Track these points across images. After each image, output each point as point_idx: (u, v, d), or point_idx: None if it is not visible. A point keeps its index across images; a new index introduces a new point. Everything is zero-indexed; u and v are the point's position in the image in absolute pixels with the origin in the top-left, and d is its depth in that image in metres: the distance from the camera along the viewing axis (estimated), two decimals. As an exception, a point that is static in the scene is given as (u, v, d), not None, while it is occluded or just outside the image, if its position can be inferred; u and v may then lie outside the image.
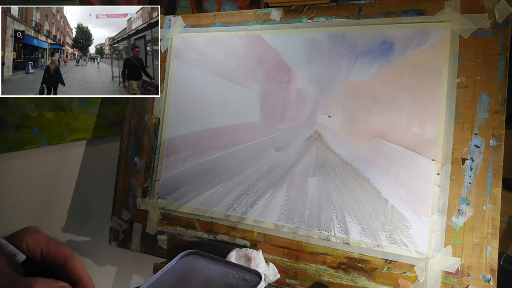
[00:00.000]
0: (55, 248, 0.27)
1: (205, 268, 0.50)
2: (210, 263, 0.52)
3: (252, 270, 0.49)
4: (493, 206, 0.45)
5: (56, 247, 0.28)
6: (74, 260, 0.27)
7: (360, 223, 0.51)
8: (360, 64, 0.54)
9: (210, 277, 0.48)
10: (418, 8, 0.51)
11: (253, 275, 0.48)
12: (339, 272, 0.52)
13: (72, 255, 0.27)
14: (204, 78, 0.65)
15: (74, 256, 0.27)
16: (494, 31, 0.47)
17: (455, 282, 0.45)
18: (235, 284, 0.46)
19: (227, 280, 0.47)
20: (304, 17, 0.59)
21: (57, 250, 0.27)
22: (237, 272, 0.49)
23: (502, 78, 0.46)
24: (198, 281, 0.48)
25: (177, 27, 0.68)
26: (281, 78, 0.59)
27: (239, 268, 0.50)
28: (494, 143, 0.45)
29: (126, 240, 0.67)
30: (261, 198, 0.58)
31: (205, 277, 0.48)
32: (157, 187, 0.65)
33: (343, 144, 0.54)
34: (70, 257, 0.27)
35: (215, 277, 0.48)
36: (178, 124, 0.66)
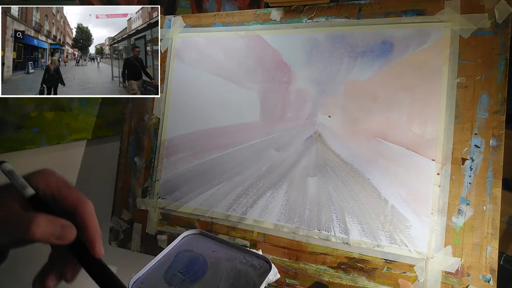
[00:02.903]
0: (66, 191, 0.26)
1: (210, 250, 0.48)
2: (215, 245, 0.49)
3: (260, 256, 0.46)
4: (493, 206, 0.45)
5: (67, 190, 0.26)
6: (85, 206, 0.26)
7: (360, 223, 0.51)
8: (360, 64, 0.54)
9: (216, 260, 0.46)
10: (418, 8, 0.51)
11: (262, 262, 0.45)
12: (339, 272, 0.52)
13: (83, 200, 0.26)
14: (204, 78, 0.65)
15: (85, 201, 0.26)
16: (494, 31, 0.47)
17: (455, 282, 0.45)
18: (243, 270, 0.44)
19: (234, 265, 0.45)
20: (304, 17, 0.59)
21: (69, 193, 0.26)
22: (244, 257, 0.46)
23: (502, 78, 0.46)
24: (203, 263, 0.45)
25: (177, 27, 0.68)
26: (281, 78, 0.59)
27: (246, 252, 0.47)
28: (494, 143, 0.45)
29: (126, 240, 0.67)
30: (261, 198, 0.58)
31: (211, 261, 0.46)
32: (157, 187, 0.65)
33: (343, 144, 0.54)
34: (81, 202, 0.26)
35: (221, 261, 0.45)
36: (178, 124, 0.66)
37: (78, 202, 0.25)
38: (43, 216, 0.24)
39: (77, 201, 0.25)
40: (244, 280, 0.43)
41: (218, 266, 0.45)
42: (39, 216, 0.23)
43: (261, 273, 0.44)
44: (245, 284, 0.42)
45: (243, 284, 0.43)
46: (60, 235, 0.24)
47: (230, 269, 0.44)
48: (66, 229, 0.24)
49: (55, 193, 0.26)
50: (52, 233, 0.23)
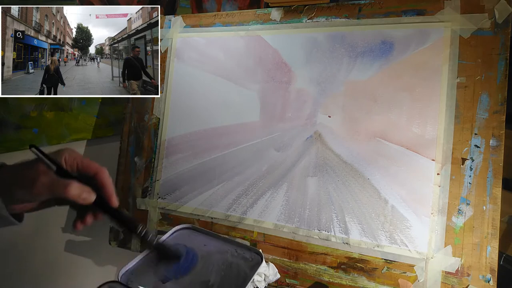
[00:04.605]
0: (87, 163, 0.34)
1: (201, 244, 0.47)
2: (206, 239, 0.48)
3: (252, 248, 0.46)
4: (493, 206, 0.45)
5: (88, 162, 0.34)
6: (103, 172, 0.34)
7: (360, 223, 0.51)
8: (360, 64, 0.54)
9: (208, 253, 0.45)
10: (418, 8, 0.51)
11: (253, 254, 0.45)
12: (339, 272, 0.52)
13: (101, 169, 0.34)
14: (204, 78, 0.65)
15: (103, 169, 0.34)
16: (494, 31, 0.47)
17: (455, 282, 0.45)
18: (235, 262, 0.44)
19: (225, 258, 0.45)
20: (304, 17, 0.59)
21: (89, 164, 0.34)
22: (235, 250, 0.46)
23: (502, 78, 0.46)
24: (194, 256, 0.44)
25: (177, 27, 0.68)
26: (281, 78, 0.59)
27: (237, 245, 0.47)
28: (494, 143, 0.45)
29: (126, 240, 0.67)
30: (261, 198, 0.58)
31: (202, 254, 0.45)
32: (157, 187, 0.65)
33: (343, 144, 0.54)
34: (99, 169, 0.34)
35: (212, 254, 0.45)
36: (178, 124, 0.66)
37: (98, 169, 0.34)
38: (75, 182, 0.32)
39: (97, 168, 0.34)
40: (236, 272, 0.43)
41: (209, 259, 0.45)
42: (72, 182, 0.31)
43: (252, 265, 0.44)
44: (237, 276, 0.42)
45: (235, 276, 0.43)
46: (85, 198, 0.32)
47: (221, 262, 0.44)
48: (89, 194, 0.32)
49: (79, 164, 0.35)
50: (80, 195, 0.32)
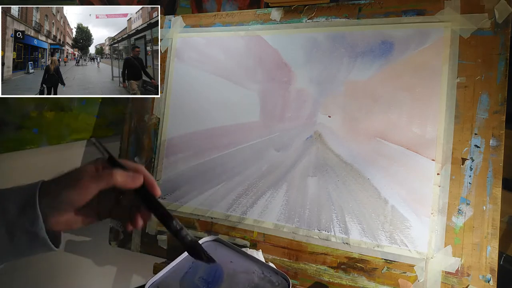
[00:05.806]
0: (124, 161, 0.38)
1: (227, 261, 0.47)
2: (233, 255, 0.48)
3: (278, 272, 0.46)
4: (493, 206, 0.45)
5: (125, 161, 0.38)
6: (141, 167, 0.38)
7: (360, 223, 0.51)
8: (360, 64, 0.54)
9: (234, 272, 0.45)
10: (418, 8, 0.51)
11: (280, 278, 0.45)
12: (339, 272, 0.52)
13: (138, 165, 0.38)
14: (204, 78, 0.65)
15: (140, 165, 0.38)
16: (494, 31, 0.47)
17: (455, 282, 0.45)
18: (261, 285, 0.43)
19: (252, 279, 0.44)
20: (304, 17, 0.58)
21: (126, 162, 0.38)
22: (262, 271, 0.46)
23: (502, 78, 0.46)
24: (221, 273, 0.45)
25: (177, 27, 0.68)
26: (281, 78, 0.59)
27: (264, 267, 0.47)
28: (494, 143, 0.45)
29: (126, 240, 0.67)
30: (261, 198, 0.58)
31: (228, 272, 0.45)
32: (157, 187, 0.65)
33: (343, 144, 0.54)
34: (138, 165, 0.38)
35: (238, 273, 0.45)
36: (178, 124, 0.66)
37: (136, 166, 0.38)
38: (119, 169, 0.35)
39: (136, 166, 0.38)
40: None
41: (234, 278, 0.45)
42: (116, 169, 0.35)
43: None
44: None
45: None
46: (134, 180, 0.35)
47: (247, 283, 0.44)
48: (136, 176, 0.35)
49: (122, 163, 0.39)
50: (127, 180, 0.34)
